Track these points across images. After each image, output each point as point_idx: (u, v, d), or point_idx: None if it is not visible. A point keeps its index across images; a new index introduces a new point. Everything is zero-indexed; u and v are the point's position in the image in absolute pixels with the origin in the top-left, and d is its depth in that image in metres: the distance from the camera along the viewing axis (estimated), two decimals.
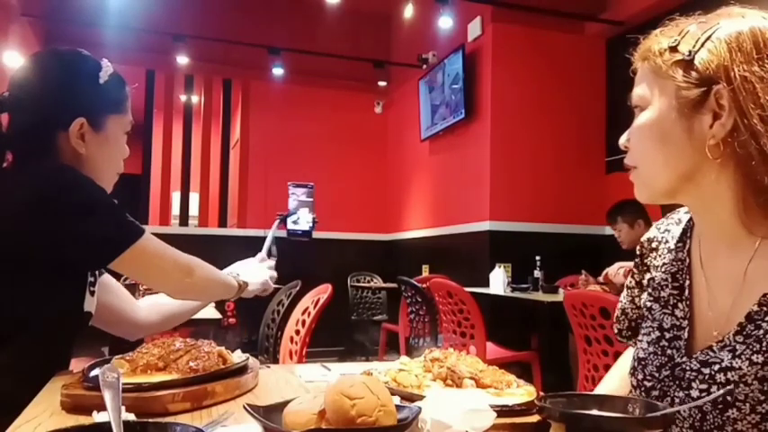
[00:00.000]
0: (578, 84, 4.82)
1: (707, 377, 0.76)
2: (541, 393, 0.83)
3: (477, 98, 4.78)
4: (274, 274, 1.48)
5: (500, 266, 3.98)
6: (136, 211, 5.96)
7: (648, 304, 0.90)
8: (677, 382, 0.80)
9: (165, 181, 6.01)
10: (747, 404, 0.72)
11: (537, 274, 3.89)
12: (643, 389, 0.85)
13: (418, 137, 5.66)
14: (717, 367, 0.76)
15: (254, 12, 5.91)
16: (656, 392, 0.83)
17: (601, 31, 4.75)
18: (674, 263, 0.88)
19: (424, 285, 3.59)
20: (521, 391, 0.92)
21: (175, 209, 6.12)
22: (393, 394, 0.71)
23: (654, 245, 0.94)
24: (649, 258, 0.94)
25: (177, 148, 6.05)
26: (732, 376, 0.74)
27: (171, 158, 6.03)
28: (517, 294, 3.74)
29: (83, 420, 0.78)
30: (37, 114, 1.12)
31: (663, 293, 0.88)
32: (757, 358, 0.72)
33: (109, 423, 0.62)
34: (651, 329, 0.87)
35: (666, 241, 0.92)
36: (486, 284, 4.02)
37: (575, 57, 4.80)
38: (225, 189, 6.24)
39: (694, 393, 0.77)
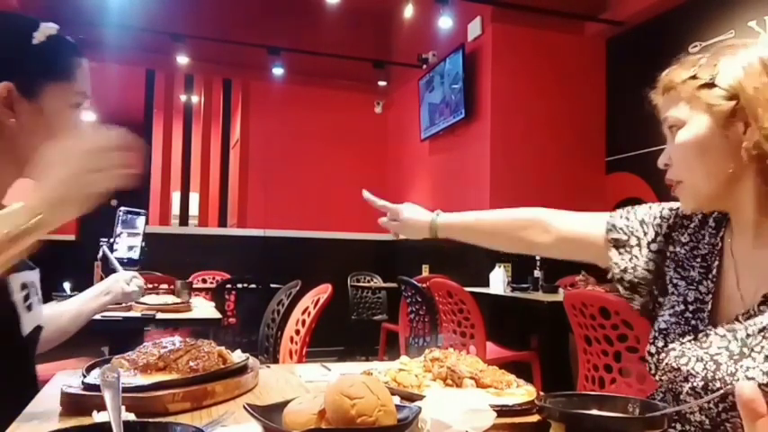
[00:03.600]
0: (578, 84, 4.81)
1: (729, 338, 0.84)
2: (541, 393, 0.83)
3: (477, 98, 4.77)
4: (142, 281, 1.57)
5: (500, 266, 3.98)
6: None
7: (675, 281, 0.98)
8: (698, 343, 0.88)
9: (165, 181, 6.01)
10: None
11: (537, 273, 3.89)
12: (661, 355, 0.91)
13: (418, 137, 5.66)
14: (740, 332, 0.83)
15: (254, 12, 5.92)
16: (674, 353, 0.89)
17: (601, 31, 4.75)
18: (706, 246, 0.97)
19: (424, 285, 3.59)
20: (521, 391, 0.92)
21: (175, 209, 6.12)
22: (393, 394, 0.71)
23: (685, 221, 1.02)
24: (677, 233, 1.02)
25: (177, 148, 6.05)
26: (750, 330, 0.82)
27: (171, 158, 6.03)
28: (517, 294, 3.74)
29: (83, 420, 0.78)
30: None
31: (691, 273, 0.96)
32: None
33: (109, 423, 0.62)
34: (676, 303, 0.95)
35: (701, 228, 1.00)
36: (486, 284, 4.02)
37: (575, 57, 4.80)
38: (225, 189, 6.25)
39: (712, 350, 0.85)
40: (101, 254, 1.51)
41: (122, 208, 1.60)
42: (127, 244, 1.58)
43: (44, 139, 0.99)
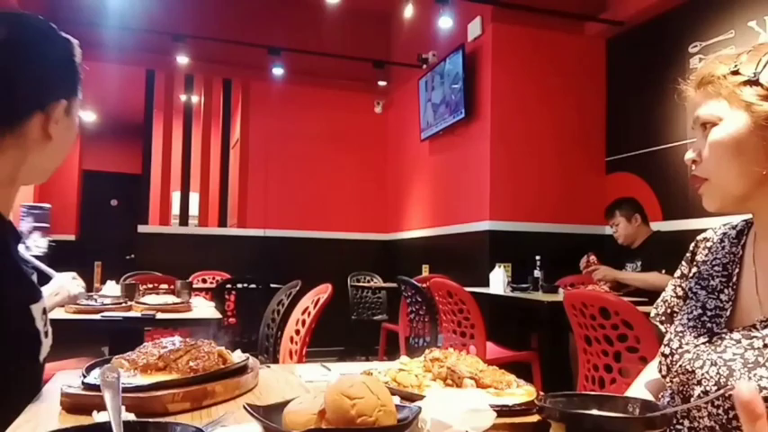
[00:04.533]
0: (578, 84, 4.82)
1: (745, 345, 0.83)
2: (541, 393, 0.83)
3: (477, 98, 4.78)
4: (64, 275, 1.68)
5: (500, 266, 3.98)
6: (136, 211, 5.96)
7: (695, 290, 0.98)
8: (713, 347, 0.87)
9: (165, 181, 6.01)
10: None
11: (537, 273, 3.89)
12: (675, 357, 0.91)
13: (418, 137, 5.66)
14: (758, 340, 0.83)
15: (254, 12, 5.92)
16: (689, 355, 0.89)
17: (601, 31, 4.75)
18: (727, 255, 0.97)
19: (424, 285, 3.59)
20: (521, 391, 0.92)
21: (175, 209, 6.11)
22: (393, 394, 0.71)
23: (708, 244, 1.03)
24: (699, 255, 1.03)
25: (177, 148, 6.04)
26: None
27: (171, 158, 6.03)
28: (517, 294, 3.74)
29: (83, 420, 0.78)
30: (9, 90, 0.97)
31: (712, 282, 0.96)
32: None
33: (109, 423, 0.62)
34: (693, 308, 0.96)
35: (721, 241, 1.01)
36: (486, 284, 4.02)
37: (575, 57, 4.80)
38: (225, 189, 6.24)
39: (727, 356, 0.84)
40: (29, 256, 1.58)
41: (25, 204, 1.71)
42: (38, 239, 1.72)
43: (64, 150, 1.07)
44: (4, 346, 0.93)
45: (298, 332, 2.34)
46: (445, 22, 4.62)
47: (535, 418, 0.81)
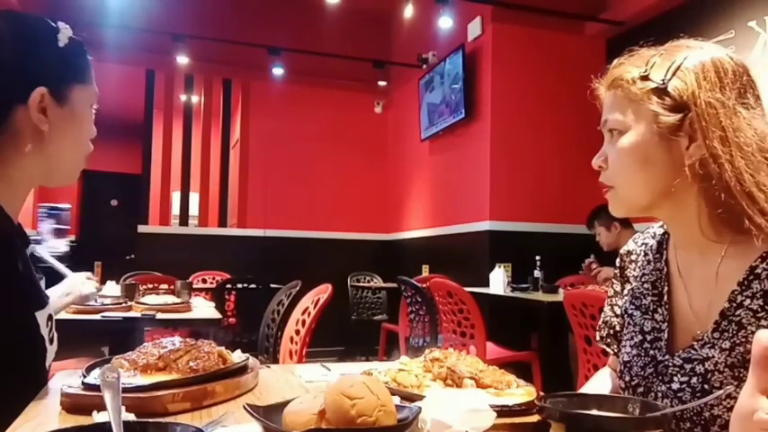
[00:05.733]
0: (578, 84, 4.76)
1: (687, 370, 0.83)
2: (541, 393, 0.83)
3: (477, 98, 4.78)
4: (77, 275, 1.68)
5: (500, 266, 3.98)
6: (136, 211, 5.96)
7: (630, 311, 0.96)
8: (660, 378, 0.86)
9: (165, 181, 6.01)
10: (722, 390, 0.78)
11: (537, 274, 3.89)
12: (630, 389, 0.91)
13: (418, 137, 5.66)
14: (697, 362, 0.82)
15: (254, 12, 5.92)
16: (641, 389, 0.89)
17: (601, 31, 4.75)
18: (653, 272, 0.95)
19: (424, 285, 3.59)
20: (521, 391, 0.92)
21: (175, 209, 6.11)
22: (393, 394, 0.71)
23: (633, 257, 1.01)
24: (629, 270, 1.01)
25: (177, 148, 6.04)
26: (708, 366, 0.80)
27: (171, 158, 6.03)
28: (517, 294, 3.74)
29: (83, 420, 0.78)
30: None
31: (644, 301, 0.94)
32: (724, 344, 0.80)
33: (109, 423, 0.61)
34: (633, 334, 0.94)
35: (645, 253, 0.99)
36: (486, 284, 4.02)
37: (575, 57, 4.80)
38: (225, 189, 6.25)
39: (675, 386, 0.84)
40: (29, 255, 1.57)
41: (44, 205, 1.71)
42: (56, 240, 1.71)
43: (71, 145, 1.02)
44: (9, 354, 0.91)
45: (298, 332, 2.34)
46: (445, 22, 4.62)
47: (535, 418, 0.81)
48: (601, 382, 1.07)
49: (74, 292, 1.68)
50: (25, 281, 0.99)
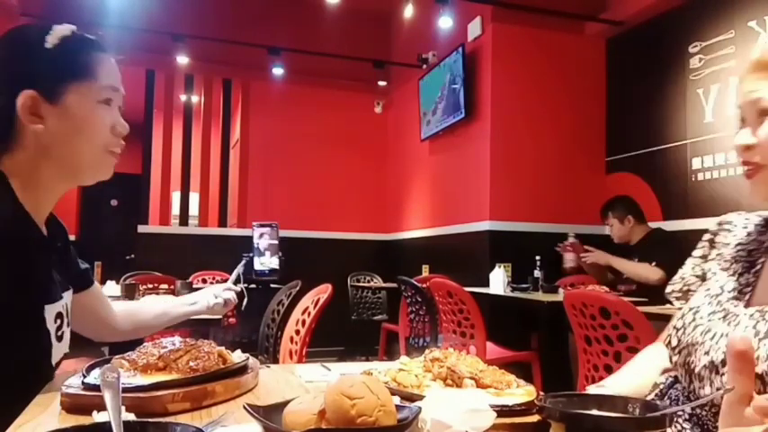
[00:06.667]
0: (578, 84, 4.82)
1: (758, 318, 0.82)
2: (541, 393, 0.83)
3: (477, 98, 4.78)
4: (230, 295, 1.64)
5: (500, 266, 3.98)
6: (136, 211, 5.96)
7: (716, 271, 0.97)
8: (725, 320, 0.86)
9: (165, 181, 6.01)
10: None
11: (537, 274, 3.89)
12: (686, 329, 0.90)
13: (418, 137, 5.66)
14: None
15: (254, 12, 5.92)
16: (701, 327, 0.88)
17: (601, 31, 4.75)
18: (753, 242, 0.95)
19: (424, 285, 3.59)
20: (521, 391, 0.92)
21: (175, 209, 6.11)
22: (393, 394, 0.71)
23: (728, 227, 1.01)
24: (720, 236, 1.01)
25: (177, 148, 6.05)
26: None
27: (171, 158, 6.03)
28: (517, 294, 3.74)
29: (83, 420, 0.78)
30: None
31: (734, 265, 0.95)
32: None
33: (109, 423, 0.61)
34: (713, 286, 0.94)
35: (745, 226, 0.99)
36: (486, 284, 4.02)
37: (575, 56, 4.80)
38: (225, 189, 6.25)
39: (739, 329, 0.82)
40: (240, 268, 1.61)
41: (255, 222, 1.73)
42: (267, 255, 1.72)
43: (76, 141, 1.03)
44: (12, 343, 0.93)
45: (298, 332, 2.34)
46: (445, 22, 4.62)
47: (535, 418, 0.81)
48: (656, 353, 1.06)
49: (200, 301, 1.58)
50: (41, 277, 1.01)
